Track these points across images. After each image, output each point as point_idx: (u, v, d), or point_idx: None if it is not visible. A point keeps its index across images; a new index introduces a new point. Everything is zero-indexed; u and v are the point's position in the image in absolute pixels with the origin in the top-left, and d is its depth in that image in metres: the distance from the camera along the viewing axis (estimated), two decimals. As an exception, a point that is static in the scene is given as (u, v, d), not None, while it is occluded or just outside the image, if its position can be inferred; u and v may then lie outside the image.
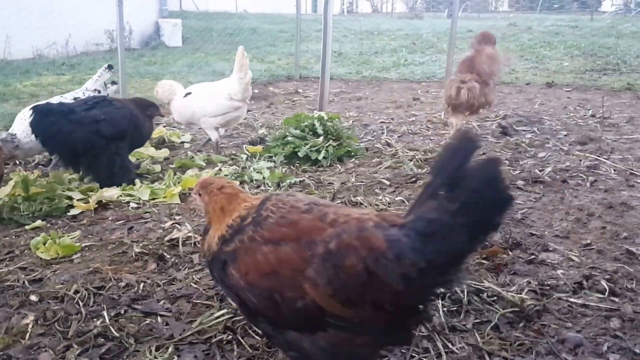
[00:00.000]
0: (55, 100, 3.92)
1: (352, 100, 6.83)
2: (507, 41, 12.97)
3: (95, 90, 4.09)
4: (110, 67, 4.20)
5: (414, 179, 3.53)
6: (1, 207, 3.10)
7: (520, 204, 3.12)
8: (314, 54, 11.56)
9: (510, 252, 2.49)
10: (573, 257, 2.48)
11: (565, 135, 4.68)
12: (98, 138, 3.34)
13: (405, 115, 5.73)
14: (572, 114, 5.56)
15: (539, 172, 3.61)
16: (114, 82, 4.29)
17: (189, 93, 4.27)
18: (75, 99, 3.95)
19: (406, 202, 3.13)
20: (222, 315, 2.04)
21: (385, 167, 3.84)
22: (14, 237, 2.81)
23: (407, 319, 1.40)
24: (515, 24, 17.15)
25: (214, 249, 1.54)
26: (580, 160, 3.90)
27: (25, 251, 2.61)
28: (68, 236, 2.66)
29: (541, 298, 2.13)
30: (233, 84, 4.29)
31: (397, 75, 8.79)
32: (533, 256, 2.47)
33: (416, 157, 4.01)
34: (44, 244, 2.56)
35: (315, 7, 31.32)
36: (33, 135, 3.42)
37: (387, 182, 3.49)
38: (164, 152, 4.31)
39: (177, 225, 2.88)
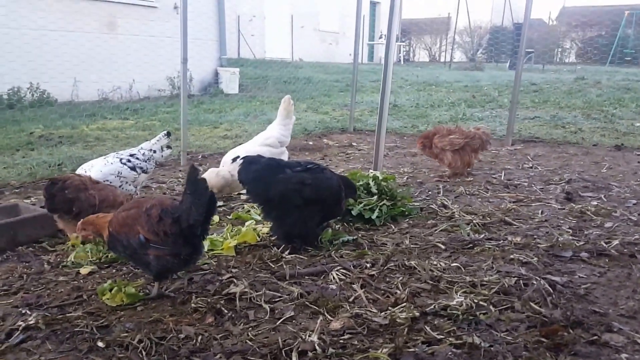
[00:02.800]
0: (110, 157, 4.18)
1: (407, 155, 6.87)
2: (573, 97, 12.68)
3: (151, 150, 4.36)
4: (168, 134, 4.49)
5: (470, 245, 3.49)
6: (68, 251, 3.33)
7: (583, 278, 3.01)
8: (368, 105, 11.75)
9: (571, 331, 2.40)
10: (639, 341, 2.35)
11: (634, 204, 4.48)
12: (298, 198, 3.42)
13: (463, 174, 5.68)
14: (642, 181, 5.35)
15: (604, 244, 3.47)
16: (169, 147, 4.54)
17: (237, 157, 4.43)
18: (131, 155, 4.22)
19: (462, 269, 3.09)
20: (275, 376, 2.07)
21: (441, 230, 3.82)
22: (81, 281, 2.99)
23: (185, 241, 2.61)
24: (583, 77, 16.69)
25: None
26: (651, 233, 3.73)
27: (93, 296, 2.76)
28: (132, 285, 2.79)
29: (604, 385, 2.03)
30: (280, 130, 4.54)
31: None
32: (595, 337, 2.36)
33: (474, 221, 3.96)
34: (110, 290, 2.70)
35: (371, 56, 31.94)
36: None
37: (443, 247, 3.47)
38: None
39: (234, 279, 2.96)
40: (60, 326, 2.42)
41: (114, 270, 3.14)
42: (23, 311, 2.57)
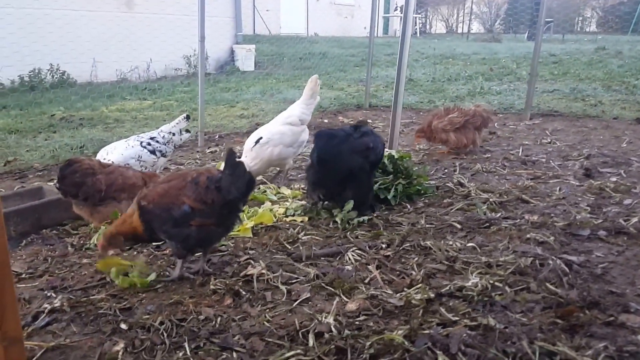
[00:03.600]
0: (131, 140, 4.23)
1: (425, 132, 6.79)
2: (593, 68, 12.38)
3: (170, 133, 4.38)
4: (187, 117, 4.50)
5: (487, 224, 3.48)
6: (91, 233, 3.42)
7: (600, 257, 3.00)
8: (383, 80, 11.62)
9: (587, 312, 2.40)
10: (657, 322, 2.35)
11: (654, 180, 4.41)
12: (365, 163, 3.62)
13: (480, 151, 5.64)
14: (664, 156, 5.24)
15: (623, 222, 3.43)
16: (187, 131, 4.55)
17: (260, 138, 4.42)
18: (152, 138, 4.26)
19: (478, 249, 3.09)
20: (292, 356, 2.12)
21: (457, 209, 3.81)
22: (105, 263, 3.06)
23: (228, 211, 2.73)
24: (603, 47, 16.23)
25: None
26: (671, 211, 3.68)
27: (115, 278, 2.84)
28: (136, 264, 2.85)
29: (619, 366, 2.04)
30: (302, 109, 4.55)
31: (472, 105, 8.66)
32: (612, 318, 2.36)
33: (490, 199, 3.94)
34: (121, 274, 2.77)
35: (386, 28, 31.38)
36: None
37: (459, 226, 3.47)
38: None
39: (251, 260, 3.02)
40: (84, 308, 2.50)
41: (135, 253, 3.21)
42: (48, 294, 2.66)
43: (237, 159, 2.62)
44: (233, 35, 15.70)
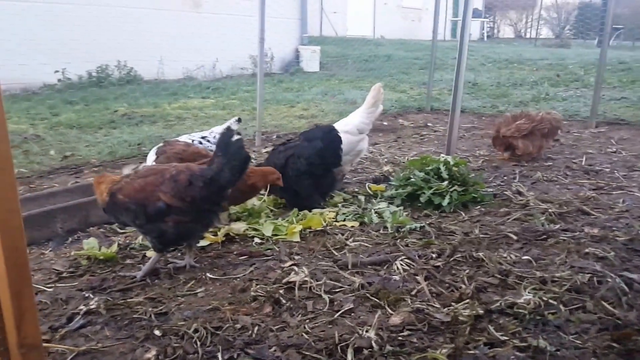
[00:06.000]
0: (184, 138, 4.28)
1: (484, 137, 6.53)
2: (662, 77, 11.54)
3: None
4: (239, 120, 4.48)
5: (544, 236, 3.25)
6: (137, 234, 3.44)
7: (668, 275, 2.71)
8: (447, 84, 11.31)
9: (648, 336, 2.16)
10: None
11: None
12: None
13: (542, 158, 5.33)
14: None
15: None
16: (238, 133, 4.54)
17: None
18: (203, 137, 4.29)
19: (533, 262, 2.88)
20: (329, 373, 2.02)
21: (514, 219, 3.59)
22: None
23: (208, 209, 2.82)
24: (675, 54, 15.14)
25: (105, 198, 2.81)
26: None
27: (156, 281, 2.83)
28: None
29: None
30: (362, 118, 4.39)
31: (536, 111, 8.23)
32: (677, 344, 2.11)
33: (549, 210, 3.69)
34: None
35: (454, 32, 30.68)
36: None
37: (514, 237, 3.26)
38: None
39: (295, 266, 2.94)
40: (120, 312, 2.47)
41: (179, 254, 3.22)
42: (86, 295, 2.63)
43: (232, 139, 2.73)
44: (299, 37, 15.82)
